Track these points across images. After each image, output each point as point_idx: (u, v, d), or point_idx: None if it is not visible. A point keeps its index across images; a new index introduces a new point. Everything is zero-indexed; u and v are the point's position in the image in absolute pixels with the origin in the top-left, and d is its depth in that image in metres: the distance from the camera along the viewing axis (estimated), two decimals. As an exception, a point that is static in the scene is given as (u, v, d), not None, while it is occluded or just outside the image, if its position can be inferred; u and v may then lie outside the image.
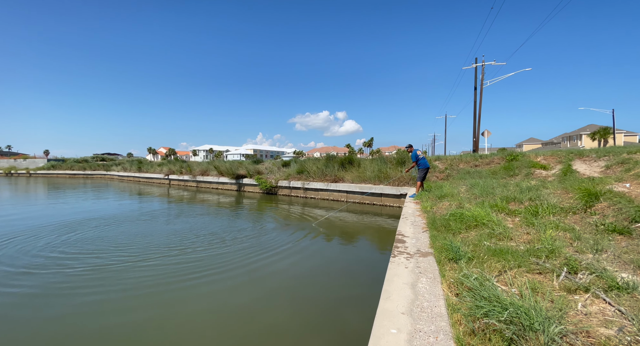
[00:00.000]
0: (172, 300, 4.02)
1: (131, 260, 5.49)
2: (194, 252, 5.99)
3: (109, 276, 4.75)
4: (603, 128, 48.46)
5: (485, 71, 21.93)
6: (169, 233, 7.60)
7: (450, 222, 4.36)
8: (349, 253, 6.21)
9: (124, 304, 3.92)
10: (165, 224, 8.76)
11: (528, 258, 2.78)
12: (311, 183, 14.45)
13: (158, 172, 26.42)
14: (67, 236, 7.19)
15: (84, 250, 6.14)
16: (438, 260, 2.88)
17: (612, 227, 3.37)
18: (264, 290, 4.35)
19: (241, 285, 4.50)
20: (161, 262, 5.37)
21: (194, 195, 16.59)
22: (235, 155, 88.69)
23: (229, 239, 6.98)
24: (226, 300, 4.02)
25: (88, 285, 4.48)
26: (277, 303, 3.98)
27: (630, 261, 2.49)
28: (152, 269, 5.04)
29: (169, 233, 7.53)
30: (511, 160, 11.57)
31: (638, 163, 6.24)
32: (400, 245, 3.49)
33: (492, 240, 3.53)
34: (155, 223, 8.82)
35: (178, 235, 7.32)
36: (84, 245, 6.49)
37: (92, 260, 5.48)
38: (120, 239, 6.95)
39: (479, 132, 22.01)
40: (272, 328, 3.38)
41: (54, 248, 6.21)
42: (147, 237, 7.13)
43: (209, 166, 20.55)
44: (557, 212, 4.45)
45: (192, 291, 4.24)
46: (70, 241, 6.78)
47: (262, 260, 5.57)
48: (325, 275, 4.99)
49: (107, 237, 7.16)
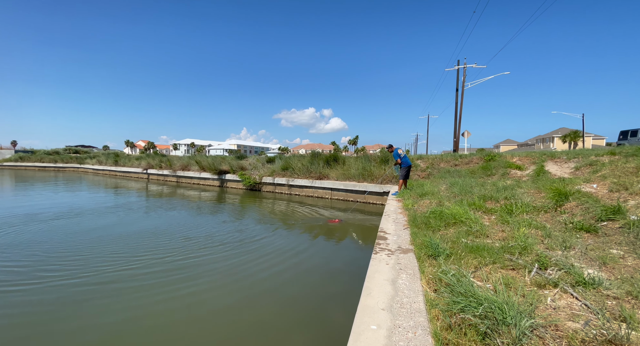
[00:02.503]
0: (150, 300, 3.88)
1: (104, 259, 5.25)
2: (172, 250, 5.81)
3: (85, 274, 4.51)
4: (573, 132, 51.35)
5: (466, 73, 22.58)
6: (145, 229, 7.32)
7: (431, 220, 4.46)
8: (332, 250, 6.23)
9: (101, 305, 3.74)
10: (141, 219, 8.43)
11: (502, 255, 2.89)
12: (296, 180, 14.38)
13: (136, 166, 25.39)
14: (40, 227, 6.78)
15: (65, 250, 5.81)
16: (418, 256, 2.94)
17: (580, 225, 3.56)
18: (247, 289, 4.28)
19: (223, 284, 4.41)
20: (134, 261, 5.16)
21: (174, 191, 16.08)
22: (218, 150, 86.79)
23: (208, 236, 6.82)
24: (207, 300, 3.92)
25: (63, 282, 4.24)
26: (260, 301, 3.93)
27: (596, 258, 2.64)
28: (125, 268, 4.84)
29: (145, 230, 7.26)
30: (489, 160, 12.00)
31: (604, 166, 6.63)
32: (382, 242, 3.52)
33: (470, 237, 3.64)
34: (131, 218, 8.48)
35: (155, 232, 7.07)
36: (60, 243, 6.14)
37: (66, 256, 5.20)
38: (96, 235, 6.63)
39: (459, 132, 22.68)
40: (256, 326, 3.34)
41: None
42: (125, 234, 6.84)
43: (190, 161, 19.97)
44: (530, 210, 4.65)
45: (171, 292, 4.09)
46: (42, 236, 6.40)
47: (244, 258, 5.48)
48: (309, 272, 4.98)
49: (83, 231, 6.81)
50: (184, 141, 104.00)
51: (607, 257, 2.60)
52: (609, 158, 7.62)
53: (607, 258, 2.57)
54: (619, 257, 2.64)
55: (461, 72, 22.63)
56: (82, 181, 21.26)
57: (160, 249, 5.79)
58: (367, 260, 3.47)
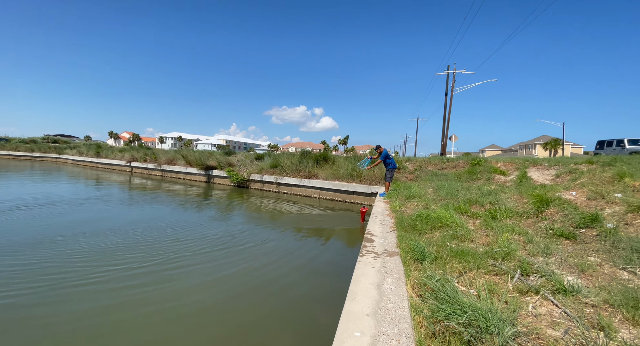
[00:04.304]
0: (126, 300, 3.72)
1: (77, 255, 5.02)
2: (150, 246, 5.62)
3: (50, 272, 4.29)
4: (554, 140, 53.42)
5: (456, 79, 22.99)
6: (122, 224, 7.06)
7: (417, 223, 4.48)
8: (318, 250, 6.19)
9: (73, 307, 3.55)
10: (119, 214, 8.13)
11: (486, 260, 2.93)
12: (285, 178, 14.26)
13: (119, 158, 24.56)
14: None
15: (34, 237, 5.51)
16: (404, 260, 2.93)
17: (560, 231, 3.66)
18: (230, 289, 4.18)
19: (204, 283, 4.29)
20: (109, 257, 4.96)
21: (158, 185, 15.64)
22: (206, 144, 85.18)
23: (191, 234, 6.65)
24: (187, 301, 3.80)
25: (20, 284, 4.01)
26: (243, 302, 3.84)
27: (575, 265, 2.71)
28: (99, 265, 4.64)
29: (122, 225, 7.00)
30: (475, 164, 12.25)
31: (583, 174, 6.88)
32: (368, 244, 3.51)
33: (455, 241, 3.68)
34: (108, 212, 8.16)
35: (134, 227, 6.83)
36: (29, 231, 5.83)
37: (34, 252, 4.94)
38: (71, 229, 6.34)
39: (447, 136, 23.10)
40: (239, 328, 3.25)
41: None
42: (102, 229, 6.57)
43: (177, 155, 19.48)
44: (513, 216, 4.76)
45: (148, 292, 3.94)
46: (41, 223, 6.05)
47: (228, 257, 5.37)
48: (294, 272, 4.92)
49: (56, 224, 6.49)
50: (171, 134, 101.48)
51: (586, 264, 2.67)
52: (587, 166, 7.91)
53: (585, 266, 2.64)
54: (596, 265, 2.71)
55: (451, 77, 23.04)
56: (61, 172, 20.38)
57: (138, 248, 5.59)
58: (354, 262, 3.45)
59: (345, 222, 8.91)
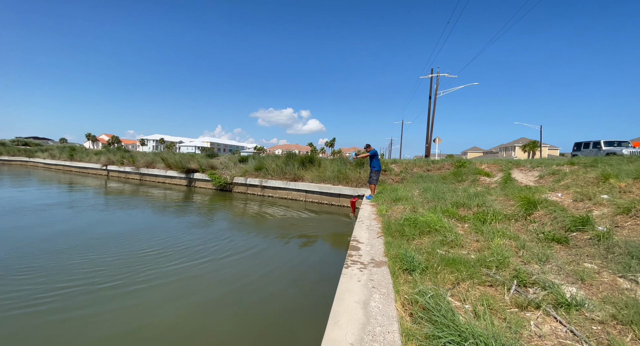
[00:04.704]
0: (80, 315, 3.27)
1: (26, 273, 4.47)
2: (117, 259, 5.11)
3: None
4: (532, 142, 55.49)
5: (439, 82, 23.34)
6: (87, 233, 6.48)
7: (405, 228, 4.27)
8: (301, 257, 5.87)
9: (15, 323, 3.07)
10: (85, 221, 7.50)
11: (479, 269, 2.72)
12: (269, 181, 13.86)
13: (94, 162, 23.34)
14: None
15: None
16: (392, 271, 2.68)
17: (552, 235, 3.52)
18: (205, 306, 3.79)
19: (173, 301, 3.87)
20: (64, 274, 4.41)
21: (135, 189, 14.85)
22: (190, 147, 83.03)
23: (167, 242, 6.17)
24: (151, 321, 3.39)
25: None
26: (218, 316, 3.47)
27: (572, 273, 2.54)
28: (49, 285, 4.12)
29: (87, 234, 6.43)
30: (459, 166, 12.31)
31: (566, 175, 6.92)
32: (354, 252, 3.24)
33: (445, 247, 3.48)
34: (74, 220, 7.51)
35: (100, 236, 6.26)
36: None
37: None
38: (24, 240, 5.73)
39: (431, 138, 23.36)
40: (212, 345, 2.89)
41: None
42: (61, 240, 5.99)
43: (156, 157, 18.66)
44: (502, 219, 4.63)
45: (105, 314, 3.47)
46: None
47: (206, 270, 4.94)
48: (275, 282, 4.58)
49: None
50: (153, 136, 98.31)
51: (584, 272, 2.50)
52: (569, 168, 8.02)
53: (584, 274, 2.47)
54: (594, 272, 2.55)
55: (434, 80, 23.36)
56: (31, 176, 19.09)
57: (103, 261, 5.09)
58: (338, 269, 3.16)
59: (332, 226, 8.64)
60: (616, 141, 15.63)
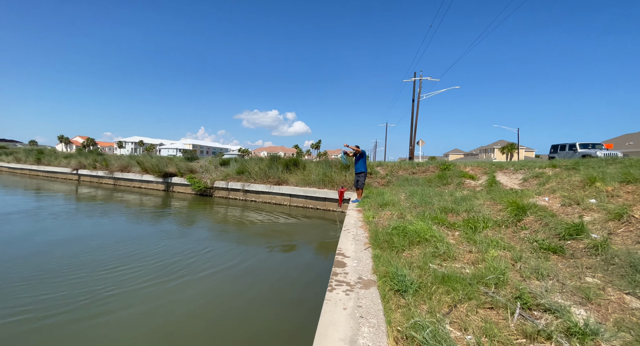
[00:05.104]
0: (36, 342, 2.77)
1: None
2: (74, 279, 4.54)
3: None
4: (510, 144, 57.53)
5: (422, 85, 23.61)
6: (43, 246, 5.82)
7: (394, 237, 4.00)
8: (282, 270, 5.50)
9: None
10: (43, 232, 6.78)
11: (477, 287, 2.47)
12: (252, 185, 13.37)
13: (64, 166, 21.92)
14: None
15: None
16: (382, 293, 2.38)
17: (546, 245, 3.34)
18: (159, 327, 3.35)
19: (131, 334, 3.41)
20: (22, 283, 3.88)
21: (108, 195, 13.94)
22: (171, 149, 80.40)
23: (137, 256, 5.63)
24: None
25: None
26: (185, 341, 3.05)
27: (577, 290, 2.33)
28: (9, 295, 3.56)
29: (42, 247, 5.76)
30: (444, 169, 12.31)
31: (550, 178, 6.94)
32: (339, 270, 2.92)
33: (437, 260, 3.22)
34: (31, 231, 6.77)
35: (59, 251, 5.62)
36: None
37: None
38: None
39: (414, 141, 23.56)
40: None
41: None
42: (10, 254, 5.32)
43: (131, 161, 17.69)
44: (492, 225, 4.46)
45: (62, 329, 3.00)
46: None
47: (174, 286, 4.49)
48: (252, 302, 4.19)
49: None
50: (131, 139, 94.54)
51: (589, 289, 2.30)
52: (552, 170, 8.10)
53: (589, 292, 2.26)
54: (598, 288, 2.35)
55: (417, 83, 23.61)
56: (-12, 182, 17.61)
57: (55, 283, 4.51)
58: (324, 283, 2.83)
59: (317, 233, 8.31)
60: (590, 143, 16.24)
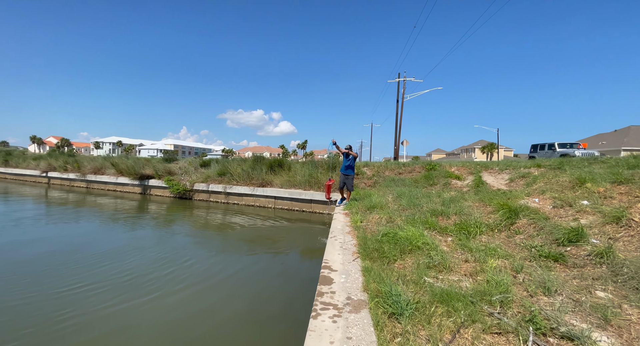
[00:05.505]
0: None
1: None
2: (22, 301, 3.95)
3: None
4: (490, 144, 59.28)
5: (406, 86, 23.69)
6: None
7: (384, 245, 3.69)
8: (264, 281, 5.07)
9: None
10: (4, 237, 6.02)
11: (480, 306, 2.18)
12: (235, 187, 12.81)
13: (32, 168, 20.48)
14: None
15: None
16: (375, 319, 2.04)
17: (546, 252, 3.13)
18: None
19: None
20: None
21: (80, 198, 12.99)
22: (152, 150, 77.54)
23: (104, 271, 5.04)
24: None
25: None
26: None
27: (592, 309, 2.08)
28: None
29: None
30: (430, 169, 12.24)
31: (537, 178, 6.89)
32: (325, 288, 2.56)
33: (432, 272, 2.93)
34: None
35: (5, 265, 4.96)
36: None
37: None
38: None
39: (399, 141, 23.61)
40: None
41: None
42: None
43: (105, 163, 16.66)
44: (485, 230, 4.25)
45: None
46: None
47: (144, 306, 3.98)
48: (227, 322, 3.76)
49: None
50: (109, 139, 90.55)
51: (606, 309, 2.05)
52: (537, 170, 8.09)
53: (606, 312, 2.02)
54: (614, 306, 2.12)
55: (401, 84, 23.67)
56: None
57: (5, 298, 3.92)
58: (308, 293, 2.47)
59: (303, 237, 7.94)
60: (568, 143, 16.71)
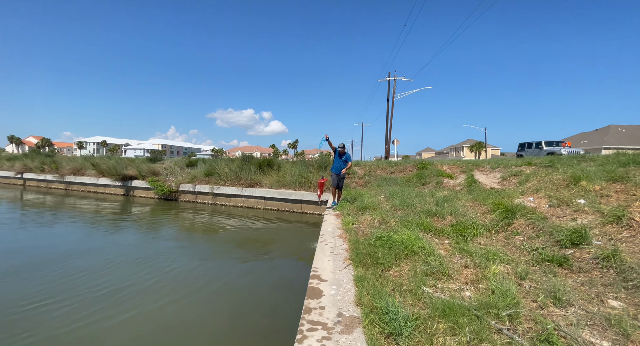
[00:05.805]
0: None
1: None
2: None
3: None
4: (478, 143, 60.28)
5: (397, 85, 23.66)
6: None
7: (377, 250, 3.45)
8: (249, 291, 4.76)
9: None
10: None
11: (487, 322, 1.96)
12: (222, 187, 12.39)
13: (6, 169, 19.44)
14: None
15: None
16: (370, 342, 1.79)
17: (549, 256, 2.95)
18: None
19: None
20: None
21: (58, 201, 12.31)
22: (138, 150, 75.45)
23: (77, 282, 4.63)
24: None
25: None
26: None
27: (608, 324, 1.88)
28: None
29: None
30: (422, 168, 12.14)
31: (530, 177, 6.81)
32: (314, 302, 2.29)
33: (430, 279, 2.71)
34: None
35: None
36: None
37: None
38: None
39: (390, 140, 23.56)
40: None
41: None
42: None
43: (85, 163, 15.92)
44: (482, 231, 4.07)
45: None
46: None
47: (117, 327, 3.63)
48: (209, 335, 3.46)
49: None
50: (93, 139, 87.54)
51: (624, 322, 1.86)
52: (529, 168, 8.05)
53: (625, 325, 1.82)
54: (631, 317, 1.93)
55: (392, 83, 23.62)
56: None
57: None
58: (297, 301, 2.20)
59: (293, 240, 7.66)
60: (554, 141, 16.99)
